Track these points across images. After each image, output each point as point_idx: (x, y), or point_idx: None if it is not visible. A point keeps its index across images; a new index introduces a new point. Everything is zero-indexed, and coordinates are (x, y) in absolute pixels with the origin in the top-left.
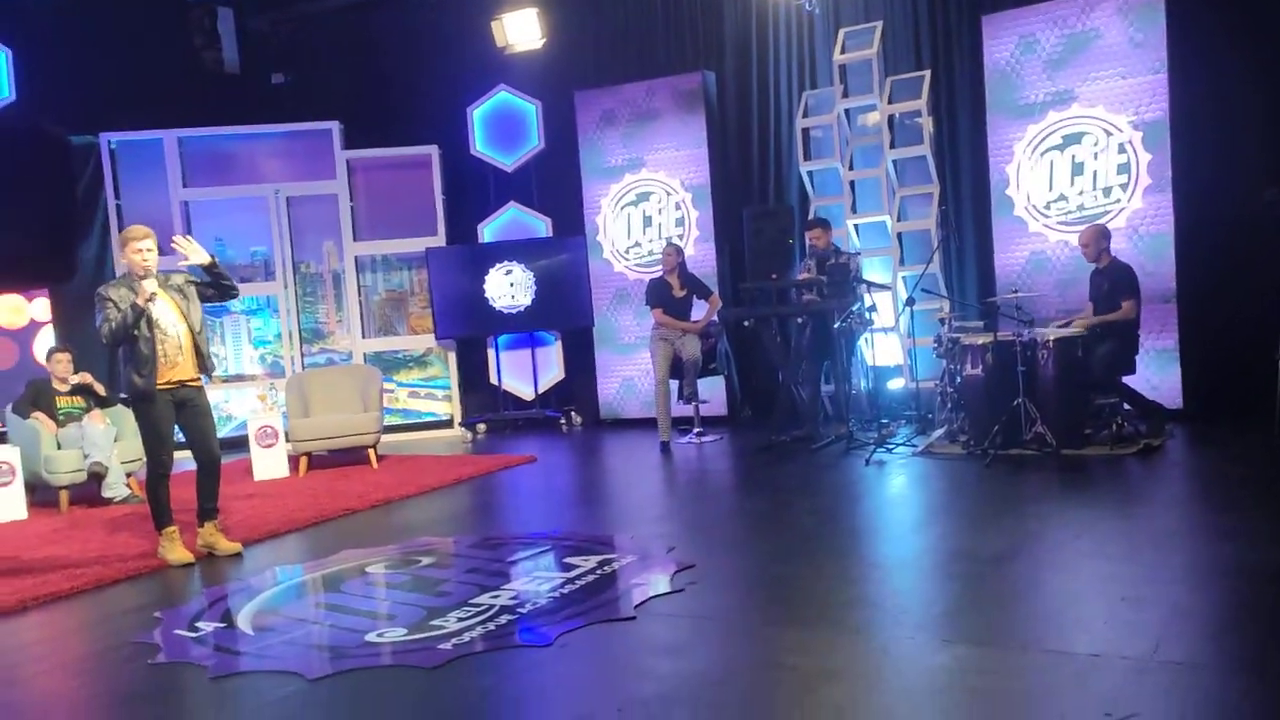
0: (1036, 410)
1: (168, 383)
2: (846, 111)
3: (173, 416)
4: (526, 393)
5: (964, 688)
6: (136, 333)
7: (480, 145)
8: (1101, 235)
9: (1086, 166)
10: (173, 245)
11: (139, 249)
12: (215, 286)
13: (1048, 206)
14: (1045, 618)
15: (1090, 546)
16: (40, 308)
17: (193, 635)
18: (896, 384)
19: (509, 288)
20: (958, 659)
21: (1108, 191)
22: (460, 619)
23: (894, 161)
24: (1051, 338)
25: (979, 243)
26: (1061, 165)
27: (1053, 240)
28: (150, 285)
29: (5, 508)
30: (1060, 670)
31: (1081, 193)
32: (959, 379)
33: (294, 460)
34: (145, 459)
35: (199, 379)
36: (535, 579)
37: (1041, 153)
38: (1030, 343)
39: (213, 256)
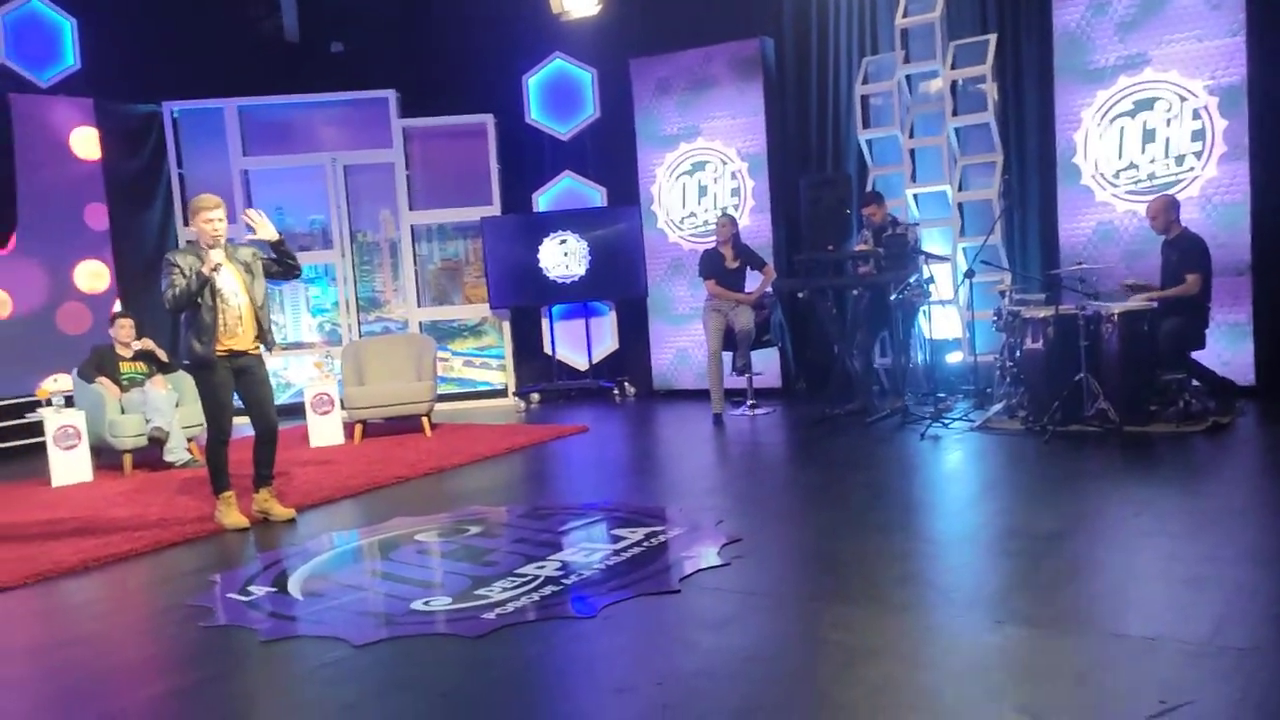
0: (1099, 386)
1: (225, 351)
2: (908, 78)
3: (232, 383)
4: (580, 363)
5: (1014, 669)
6: (200, 300)
7: (535, 114)
8: (1170, 206)
9: (1159, 133)
10: (243, 218)
11: (209, 218)
12: (280, 264)
13: (1116, 175)
14: (1101, 598)
15: (1151, 525)
16: None
17: (245, 599)
18: (954, 357)
19: (563, 257)
20: (1008, 639)
21: (1180, 159)
22: (505, 589)
23: (956, 129)
24: (1116, 311)
25: (1043, 213)
26: (1132, 132)
27: (1121, 210)
28: (217, 255)
29: (72, 470)
30: (1115, 653)
31: (1153, 161)
32: (1019, 353)
33: (349, 427)
34: (205, 424)
35: (258, 348)
36: (582, 550)
37: (1111, 119)
38: (1094, 316)
39: (280, 235)
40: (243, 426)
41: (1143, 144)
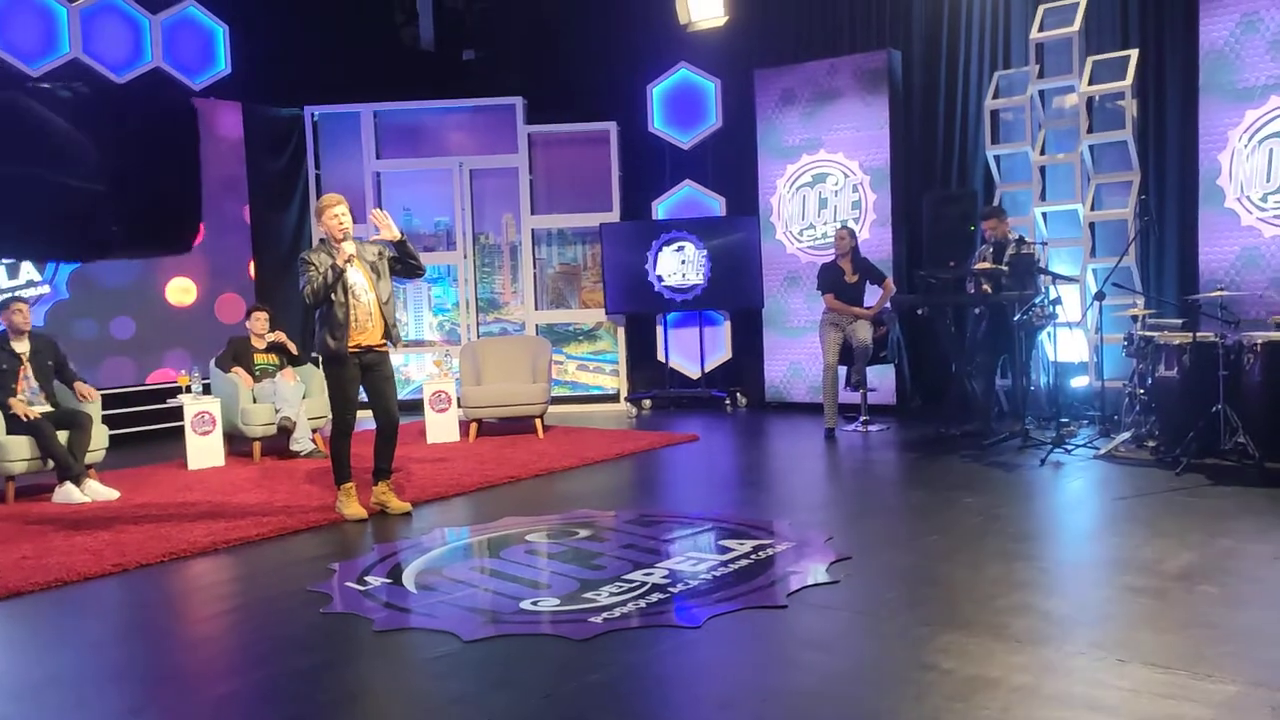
0: (1238, 418)
1: (356, 346)
2: (1041, 93)
3: (359, 379)
4: (693, 371)
5: (1138, 714)
6: (333, 297)
7: (658, 123)
8: None
9: None
10: (370, 218)
11: (335, 215)
12: (403, 263)
13: (1264, 199)
14: (1234, 644)
15: None
16: None
17: (361, 588)
18: (1080, 382)
19: (680, 265)
20: (1132, 681)
21: None
22: (612, 594)
23: (1091, 146)
24: (1260, 341)
25: (1181, 236)
26: None
27: (1268, 235)
28: (348, 247)
29: (207, 454)
30: (1246, 704)
31: None
32: (1150, 380)
33: (465, 426)
34: (330, 416)
35: (385, 345)
36: (689, 559)
37: (1260, 140)
38: (1235, 345)
39: (403, 235)
40: (364, 420)
41: None
